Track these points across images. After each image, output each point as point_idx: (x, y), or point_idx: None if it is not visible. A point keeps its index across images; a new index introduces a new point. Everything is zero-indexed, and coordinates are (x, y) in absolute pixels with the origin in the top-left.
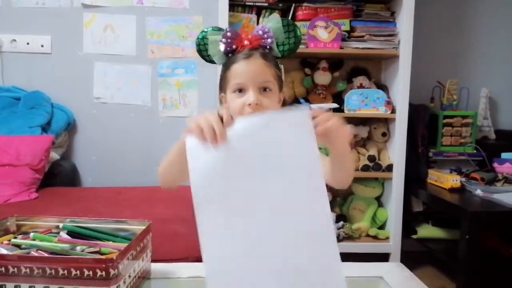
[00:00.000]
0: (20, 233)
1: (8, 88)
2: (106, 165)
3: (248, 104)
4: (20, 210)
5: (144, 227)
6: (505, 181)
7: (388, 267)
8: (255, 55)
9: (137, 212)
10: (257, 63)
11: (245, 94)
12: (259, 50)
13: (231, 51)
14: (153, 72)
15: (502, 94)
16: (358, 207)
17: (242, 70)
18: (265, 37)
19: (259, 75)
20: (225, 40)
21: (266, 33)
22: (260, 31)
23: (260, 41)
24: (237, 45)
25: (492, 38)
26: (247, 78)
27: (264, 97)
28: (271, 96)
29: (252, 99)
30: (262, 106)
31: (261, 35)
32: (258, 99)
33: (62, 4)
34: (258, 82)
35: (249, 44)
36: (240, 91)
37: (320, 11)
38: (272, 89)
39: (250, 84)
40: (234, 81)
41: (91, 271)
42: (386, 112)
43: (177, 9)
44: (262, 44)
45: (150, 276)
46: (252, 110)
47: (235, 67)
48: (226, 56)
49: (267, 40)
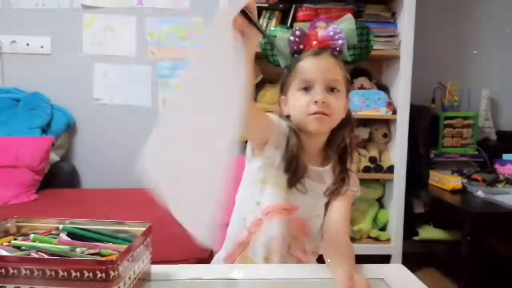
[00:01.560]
0: (20, 234)
1: (8, 90)
2: (106, 166)
3: (315, 102)
4: (20, 211)
5: (144, 229)
6: (506, 182)
7: (389, 269)
8: (325, 53)
9: (137, 214)
10: (327, 60)
11: (311, 92)
12: (329, 51)
13: (298, 51)
14: (153, 73)
15: (503, 95)
16: (359, 208)
17: (311, 66)
18: (336, 38)
19: (329, 72)
20: (293, 38)
21: (337, 34)
22: (332, 32)
23: (330, 42)
24: (305, 45)
25: (493, 39)
26: (315, 74)
27: (331, 97)
28: (339, 97)
29: (320, 97)
30: (329, 105)
31: (331, 36)
32: (326, 97)
33: (62, 5)
34: (327, 79)
35: (318, 44)
36: (306, 89)
37: (321, 12)
38: (340, 91)
39: (318, 81)
40: (300, 77)
41: (91, 272)
42: (387, 113)
43: (177, 10)
44: (332, 45)
45: (150, 278)
46: (319, 108)
47: (302, 64)
48: (292, 57)
49: (337, 41)
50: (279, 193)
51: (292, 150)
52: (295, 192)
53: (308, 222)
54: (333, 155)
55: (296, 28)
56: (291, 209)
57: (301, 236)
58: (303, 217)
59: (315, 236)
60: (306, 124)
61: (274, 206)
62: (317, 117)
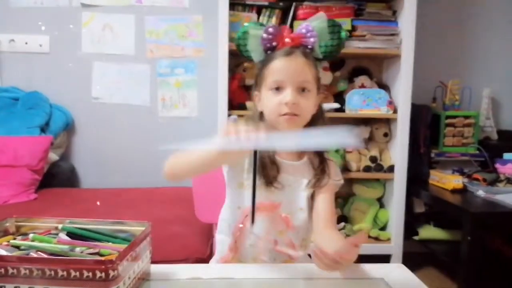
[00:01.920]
0: (19, 234)
1: (7, 89)
2: (105, 165)
3: (285, 103)
4: (19, 211)
5: (143, 228)
6: (507, 182)
7: (390, 268)
8: (296, 53)
9: (136, 213)
10: (298, 61)
11: (282, 92)
12: (300, 49)
13: (271, 48)
14: (152, 71)
15: (505, 94)
16: (359, 208)
17: (282, 67)
18: (308, 36)
19: (299, 73)
20: (266, 35)
21: (309, 32)
22: (304, 29)
23: (302, 39)
24: (278, 42)
25: (495, 37)
26: (286, 75)
27: (302, 97)
28: (309, 97)
29: (290, 98)
30: (299, 106)
31: (304, 34)
32: (296, 99)
33: (61, 3)
34: (297, 81)
35: (291, 42)
36: (277, 89)
37: (321, 10)
38: (310, 90)
39: (289, 82)
40: (271, 78)
41: (91, 272)
42: (387, 112)
43: (177, 8)
44: (304, 43)
45: (149, 277)
46: (289, 110)
47: (274, 64)
48: (265, 53)
49: (309, 39)
50: (257, 193)
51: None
52: (273, 189)
53: (291, 216)
54: None
55: (269, 25)
56: (272, 206)
57: (286, 230)
58: (286, 211)
59: (300, 229)
60: (277, 124)
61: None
62: (288, 118)
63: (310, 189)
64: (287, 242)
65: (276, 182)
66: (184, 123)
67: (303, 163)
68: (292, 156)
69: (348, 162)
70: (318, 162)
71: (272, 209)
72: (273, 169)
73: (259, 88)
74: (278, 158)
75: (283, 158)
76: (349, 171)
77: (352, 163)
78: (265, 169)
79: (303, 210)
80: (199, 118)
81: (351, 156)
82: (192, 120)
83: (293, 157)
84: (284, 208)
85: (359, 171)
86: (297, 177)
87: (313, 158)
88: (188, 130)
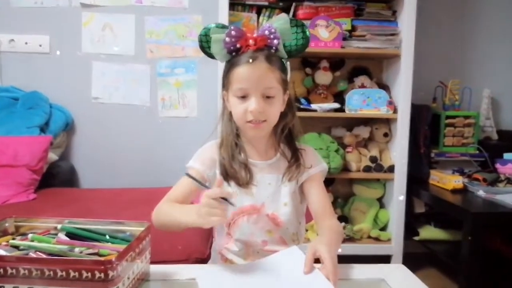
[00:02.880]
0: (18, 234)
1: (6, 88)
2: (105, 165)
3: (250, 111)
4: (18, 211)
5: (143, 229)
6: (507, 182)
7: (390, 268)
8: (259, 58)
9: (136, 213)
10: (261, 68)
11: (247, 100)
12: (264, 52)
13: (235, 50)
14: (152, 71)
15: (505, 94)
16: (359, 208)
17: (246, 76)
18: (272, 37)
19: (263, 81)
20: (229, 39)
21: (272, 33)
22: (267, 31)
23: (266, 41)
24: (242, 45)
25: (495, 38)
26: (250, 84)
27: (266, 104)
28: (274, 103)
29: (254, 107)
30: (265, 113)
31: (267, 36)
32: (260, 107)
33: (61, 3)
34: (261, 88)
35: (254, 45)
36: (243, 97)
37: (321, 10)
38: (275, 96)
39: (253, 91)
40: (236, 85)
41: (90, 272)
42: (387, 112)
43: (176, 8)
44: (267, 44)
45: (149, 278)
46: (254, 118)
47: (239, 71)
48: (230, 55)
49: (273, 41)
50: (238, 199)
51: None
52: (254, 191)
53: (277, 213)
54: (281, 142)
55: (232, 27)
56: (254, 208)
57: (274, 228)
58: (272, 210)
59: (289, 224)
60: (244, 130)
61: (238, 209)
62: (254, 126)
63: (289, 182)
64: (277, 239)
65: (250, 183)
66: (184, 123)
67: (277, 159)
68: (264, 156)
69: (348, 162)
70: (290, 154)
71: (256, 211)
72: (246, 172)
73: (227, 89)
74: (251, 160)
75: (256, 159)
76: (349, 171)
77: (352, 163)
78: (238, 173)
79: (288, 204)
80: (199, 118)
81: (351, 156)
82: (191, 120)
83: (265, 157)
84: (268, 207)
85: (359, 171)
86: (274, 174)
87: (285, 151)
88: (188, 130)
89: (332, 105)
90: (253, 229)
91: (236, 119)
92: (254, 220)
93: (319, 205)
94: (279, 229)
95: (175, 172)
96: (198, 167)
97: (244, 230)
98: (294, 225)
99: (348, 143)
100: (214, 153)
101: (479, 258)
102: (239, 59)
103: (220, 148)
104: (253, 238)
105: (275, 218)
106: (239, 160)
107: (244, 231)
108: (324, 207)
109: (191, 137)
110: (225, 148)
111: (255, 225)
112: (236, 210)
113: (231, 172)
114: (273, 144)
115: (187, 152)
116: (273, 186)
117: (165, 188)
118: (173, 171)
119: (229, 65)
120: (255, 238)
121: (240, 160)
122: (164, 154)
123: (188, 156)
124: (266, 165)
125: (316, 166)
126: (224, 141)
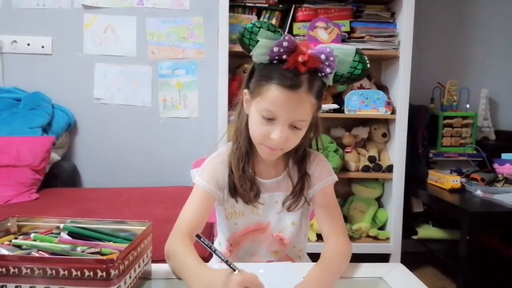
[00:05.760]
0: (20, 233)
1: (9, 89)
2: (107, 166)
3: (272, 138)
4: (21, 210)
5: (144, 228)
6: (505, 182)
7: (388, 267)
8: (303, 87)
9: (137, 213)
10: (300, 98)
11: (272, 124)
12: (309, 76)
13: (279, 59)
14: (153, 73)
15: (502, 94)
16: (358, 207)
17: (280, 102)
18: (326, 64)
19: (296, 112)
20: (277, 49)
21: (329, 60)
22: (324, 55)
23: (318, 65)
24: (289, 60)
25: (492, 38)
26: (281, 112)
27: (291, 133)
28: (299, 134)
29: (278, 136)
30: (287, 141)
31: (322, 60)
32: (285, 136)
33: (63, 5)
34: (291, 118)
35: (303, 66)
36: (268, 119)
37: (320, 12)
38: (302, 128)
39: (282, 118)
40: (266, 105)
41: (92, 271)
42: (386, 113)
43: (178, 10)
44: (318, 68)
45: (150, 276)
46: (274, 146)
47: (274, 93)
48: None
49: (326, 69)
50: (244, 219)
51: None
52: (260, 211)
53: (283, 233)
54: (290, 159)
55: (286, 37)
56: (260, 228)
57: (281, 248)
58: (278, 230)
59: (295, 243)
60: (259, 148)
61: (242, 230)
62: (269, 151)
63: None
64: (283, 258)
65: (257, 202)
66: (185, 124)
67: (283, 177)
68: (272, 174)
69: (347, 162)
70: (297, 177)
71: (261, 230)
72: (253, 190)
73: (251, 95)
74: (258, 178)
75: (263, 178)
76: (348, 171)
77: (351, 163)
78: (246, 191)
79: (295, 224)
80: (200, 119)
81: (350, 156)
82: (193, 120)
83: (274, 173)
84: (275, 227)
85: (358, 171)
86: (282, 192)
87: (292, 172)
88: (189, 131)
89: (331, 106)
90: (258, 249)
91: (252, 136)
92: (259, 240)
93: (326, 225)
94: (285, 249)
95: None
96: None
97: (249, 250)
98: (301, 242)
99: (347, 143)
100: (224, 173)
101: (477, 257)
102: (279, 75)
103: (229, 155)
104: (257, 258)
105: (282, 239)
106: (248, 177)
107: (249, 251)
108: (330, 225)
109: (192, 138)
110: (235, 159)
111: (260, 244)
112: (242, 231)
113: (239, 190)
114: (284, 159)
115: (188, 152)
116: (280, 204)
117: (166, 188)
118: (174, 171)
119: (265, 71)
120: (260, 259)
121: (249, 177)
122: (165, 154)
123: (188, 156)
124: (275, 182)
125: (327, 178)
126: (237, 149)
